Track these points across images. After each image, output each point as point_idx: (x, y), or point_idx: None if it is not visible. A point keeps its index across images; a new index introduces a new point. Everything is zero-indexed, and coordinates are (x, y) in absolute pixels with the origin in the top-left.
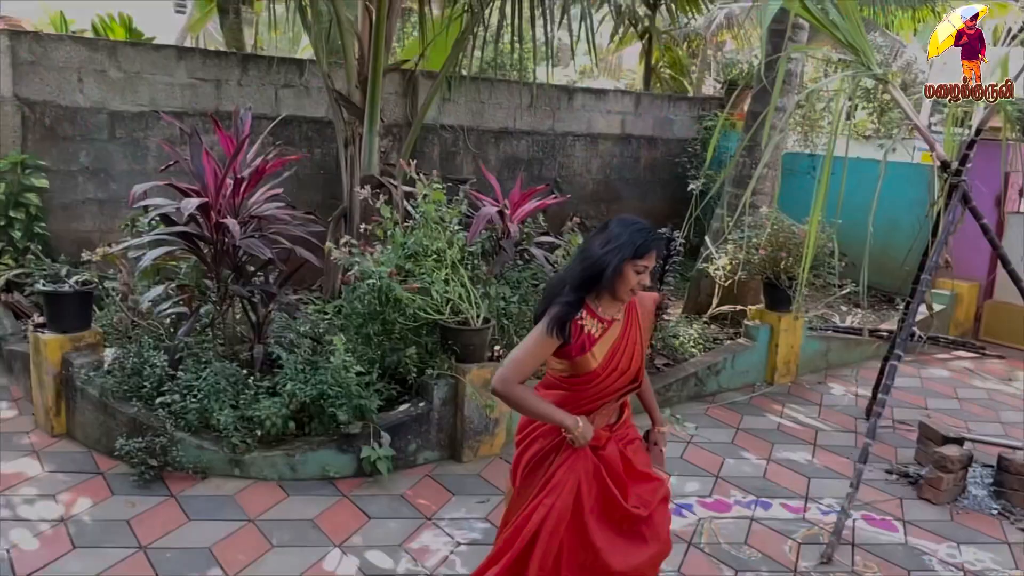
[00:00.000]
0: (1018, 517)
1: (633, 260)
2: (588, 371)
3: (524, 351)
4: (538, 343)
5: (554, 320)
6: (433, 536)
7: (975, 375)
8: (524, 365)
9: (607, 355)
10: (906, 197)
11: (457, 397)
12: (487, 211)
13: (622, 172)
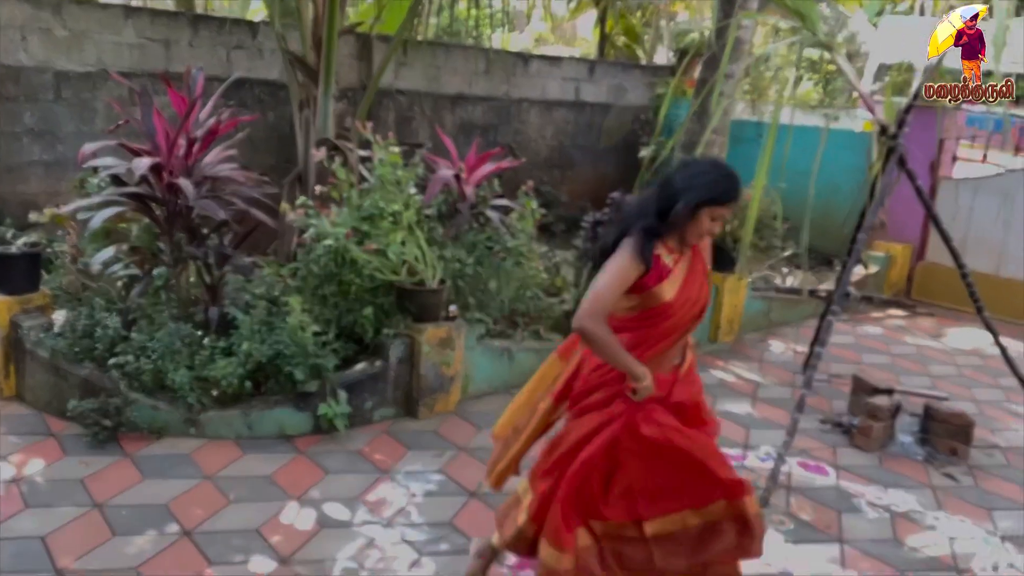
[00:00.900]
0: (941, 462)
1: (712, 205)
2: (662, 302)
3: (606, 283)
4: (621, 271)
5: (638, 244)
6: (390, 489)
7: (907, 332)
8: (607, 298)
9: (680, 286)
10: (847, 164)
11: (413, 356)
12: (443, 174)
13: (576, 139)
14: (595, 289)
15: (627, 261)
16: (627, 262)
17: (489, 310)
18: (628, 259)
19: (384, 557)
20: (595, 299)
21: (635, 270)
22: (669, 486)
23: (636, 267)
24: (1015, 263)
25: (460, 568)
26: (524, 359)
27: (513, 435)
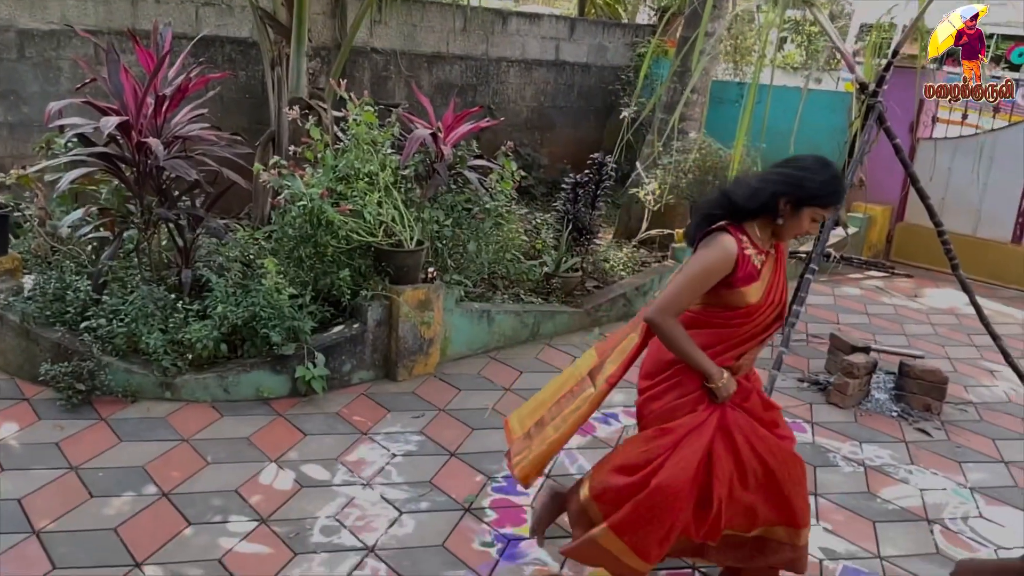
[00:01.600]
0: (915, 418)
1: (817, 206)
2: (748, 304)
3: (687, 280)
4: (707, 269)
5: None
6: (369, 449)
7: (884, 292)
8: (687, 296)
9: (766, 288)
10: (828, 124)
11: (391, 318)
12: (420, 133)
13: (556, 99)
14: (674, 286)
15: (715, 260)
16: (715, 261)
17: (468, 272)
18: (716, 258)
19: (364, 515)
20: (674, 295)
21: (723, 269)
22: (746, 501)
23: (725, 266)
24: (992, 224)
25: (440, 526)
26: (503, 321)
27: (537, 429)
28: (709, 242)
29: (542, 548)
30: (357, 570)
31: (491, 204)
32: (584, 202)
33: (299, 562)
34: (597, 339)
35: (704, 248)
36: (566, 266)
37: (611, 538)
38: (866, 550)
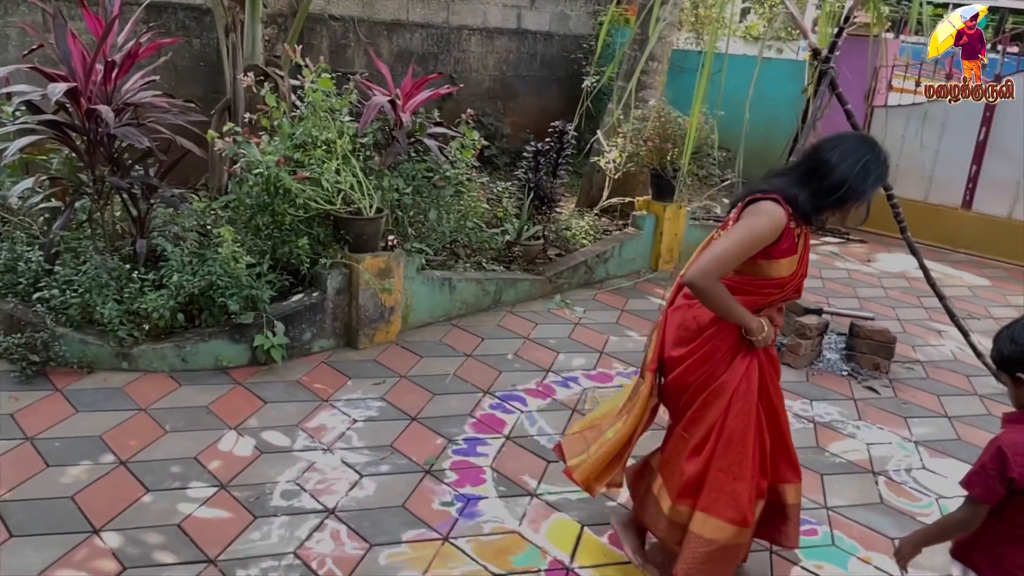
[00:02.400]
0: (864, 377)
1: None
2: (781, 276)
3: (733, 244)
4: (754, 236)
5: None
6: (330, 416)
7: (839, 258)
8: (732, 260)
9: (799, 261)
10: (787, 93)
11: (351, 286)
12: (378, 100)
13: (518, 68)
14: (719, 249)
15: (764, 228)
16: (764, 229)
17: (429, 241)
18: (766, 226)
19: (324, 479)
20: (717, 259)
21: (770, 238)
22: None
23: (772, 235)
24: (943, 190)
25: (400, 487)
26: (465, 289)
27: (593, 433)
28: (758, 210)
29: (628, 547)
30: (317, 531)
31: (451, 172)
32: (546, 170)
33: (259, 525)
34: (558, 306)
35: (753, 216)
36: (528, 234)
37: (709, 521)
38: (814, 501)
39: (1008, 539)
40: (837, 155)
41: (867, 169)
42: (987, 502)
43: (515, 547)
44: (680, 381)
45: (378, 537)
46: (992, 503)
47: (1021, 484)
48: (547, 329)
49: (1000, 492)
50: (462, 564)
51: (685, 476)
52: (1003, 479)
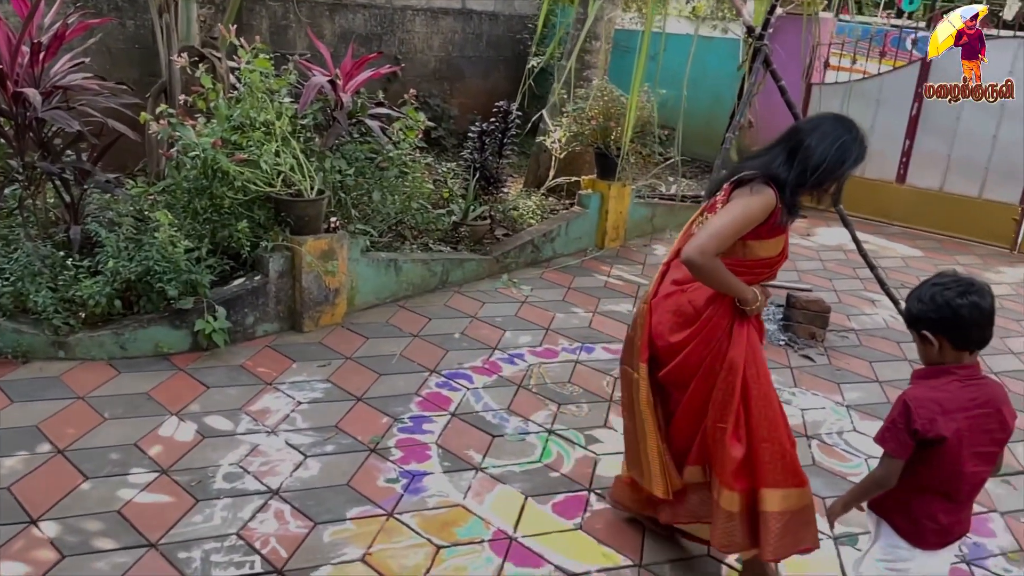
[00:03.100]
0: (801, 346)
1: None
2: (770, 255)
3: (730, 221)
4: (748, 215)
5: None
6: (274, 399)
7: None
8: (726, 237)
9: (784, 241)
10: (730, 72)
11: (294, 269)
12: (317, 80)
13: (464, 49)
14: (715, 226)
15: (757, 207)
16: (757, 208)
17: (374, 222)
18: (759, 205)
19: (268, 461)
20: (714, 236)
21: (760, 217)
22: None
23: (763, 215)
24: (878, 164)
25: (345, 466)
26: (411, 270)
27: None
28: (753, 190)
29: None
30: (261, 512)
31: (395, 153)
32: (491, 151)
33: (201, 508)
34: (505, 285)
35: (746, 195)
36: (474, 215)
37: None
38: None
39: (914, 489)
40: (816, 137)
41: (845, 150)
42: (900, 456)
43: (459, 519)
44: (684, 365)
45: (322, 515)
46: (904, 456)
47: (924, 435)
48: (494, 308)
49: (910, 444)
50: (407, 538)
51: (736, 461)
52: (910, 431)
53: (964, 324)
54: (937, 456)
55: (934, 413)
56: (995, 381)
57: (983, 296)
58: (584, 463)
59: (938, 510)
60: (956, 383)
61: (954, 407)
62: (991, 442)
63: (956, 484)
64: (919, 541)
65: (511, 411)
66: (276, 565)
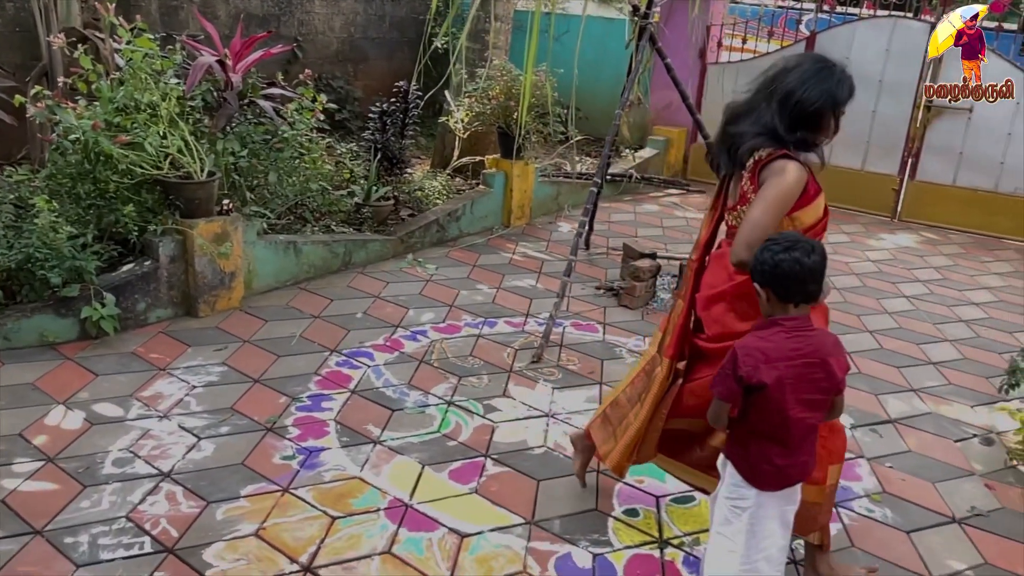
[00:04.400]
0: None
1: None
2: (819, 217)
3: (770, 210)
4: (783, 196)
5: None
6: (167, 384)
7: (679, 208)
8: (768, 227)
9: (823, 199)
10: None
11: (186, 253)
12: (205, 60)
13: (367, 31)
14: (757, 220)
15: (791, 184)
16: (791, 186)
17: (272, 204)
18: (791, 181)
19: (160, 445)
20: (760, 227)
21: (798, 192)
22: None
23: (799, 188)
24: None
25: (240, 446)
26: (312, 252)
27: (613, 410)
28: (777, 169)
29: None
30: (151, 495)
31: (290, 134)
32: (393, 131)
33: (88, 494)
34: (410, 265)
35: (776, 175)
36: (377, 195)
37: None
38: None
39: (750, 434)
40: (796, 79)
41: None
42: (726, 400)
43: (356, 491)
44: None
45: (215, 495)
46: (730, 401)
47: (748, 381)
48: (398, 287)
49: (736, 390)
50: (301, 512)
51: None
52: (736, 378)
53: (784, 278)
54: (763, 402)
55: (757, 361)
56: (827, 334)
57: (807, 254)
58: (482, 431)
59: (772, 453)
60: (782, 334)
61: (777, 356)
62: (817, 391)
63: (784, 429)
64: (757, 482)
65: (411, 386)
66: (166, 545)
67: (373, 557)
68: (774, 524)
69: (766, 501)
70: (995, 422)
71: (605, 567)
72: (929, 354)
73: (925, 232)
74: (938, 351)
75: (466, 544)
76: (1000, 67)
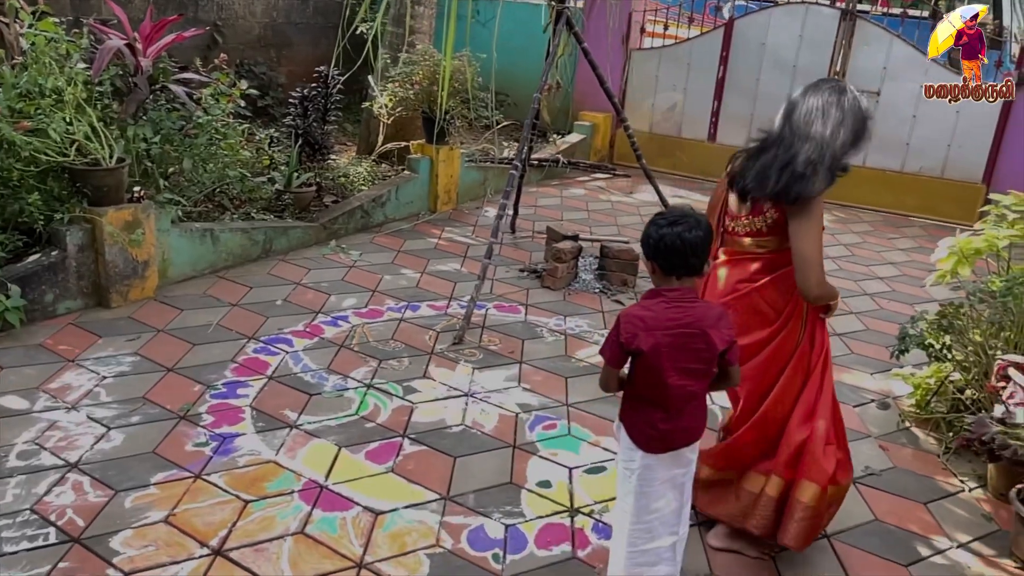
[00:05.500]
0: (613, 292)
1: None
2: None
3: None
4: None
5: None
6: (76, 375)
7: (605, 191)
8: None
9: None
10: None
11: (96, 242)
12: (112, 44)
13: (291, 15)
14: (813, 253)
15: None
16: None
17: (188, 192)
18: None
19: (67, 436)
20: (819, 262)
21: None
22: None
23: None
24: (692, 124)
25: (152, 435)
26: (231, 240)
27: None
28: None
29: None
30: (58, 486)
31: (204, 119)
32: (315, 117)
33: None
34: (333, 251)
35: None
36: (298, 182)
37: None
38: (556, 400)
39: (635, 399)
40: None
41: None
42: (611, 364)
43: (270, 475)
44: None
45: (124, 483)
46: (615, 365)
47: (628, 346)
48: (320, 274)
49: (619, 355)
50: (213, 497)
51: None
52: (619, 343)
53: (667, 251)
54: (643, 367)
55: (637, 328)
56: (711, 306)
57: (689, 229)
58: (401, 412)
59: (655, 418)
60: (663, 304)
61: (655, 325)
62: (697, 360)
63: (664, 395)
64: (644, 445)
65: (331, 370)
66: (72, 535)
67: (286, 538)
68: (664, 487)
69: (653, 463)
70: (892, 387)
71: (516, 537)
72: (835, 326)
73: (837, 212)
74: (843, 323)
75: (380, 521)
76: (905, 52)
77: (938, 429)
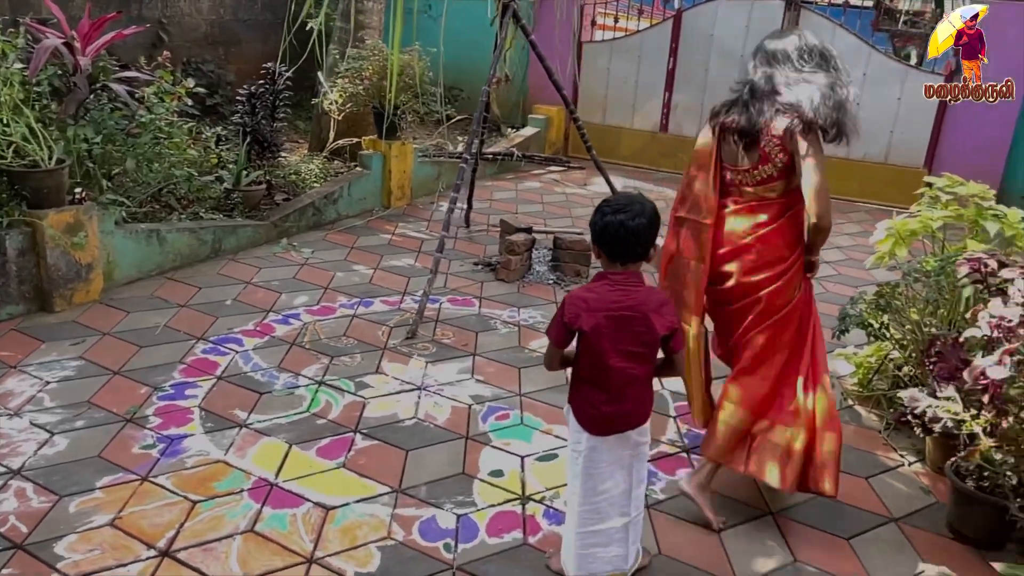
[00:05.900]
0: (567, 283)
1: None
2: None
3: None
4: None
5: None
6: (18, 382)
7: (559, 184)
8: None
9: None
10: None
11: (36, 246)
12: (49, 43)
13: (238, 12)
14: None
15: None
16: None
17: (133, 192)
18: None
19: (9, 443)
20: (826, 194)
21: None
22: None
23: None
24: (644, 115)
25: (98, 439)
26: (178, 240)
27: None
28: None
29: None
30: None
31: (147, 118)
32: (263, 114)
33: None
34: (284, 249)
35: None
36: (247, 180)
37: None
38: (509, 391)
39: (579, 380)
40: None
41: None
42: (556, 344)
43: (219, 474)
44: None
45: (69, 488)
46: (559, 345)
47: (570, 326)
48: (271, 272)
49: (562, 334)
50: (161, 499)
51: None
52: (563, 323)
53: (611, 239)
54: (585, 348)
55: (580, 309)
56: (654, 291)
57: (632, 217)
58: (352, 408)
59: (598, 400)
60: (607, 287)
61: (597, 306)
62: (637, 343)
63: (606, 377)
64: (588, 427)
65: (281, 368)
66: (15, 541)
67: (235, 537)
68: (611, 468)
69: (598, 445)
70: (836, 367)
71: (468, 526)
72: None
73: None
74: None
75: (331, 516)
76: (847, 41)
77: (879, 406)
